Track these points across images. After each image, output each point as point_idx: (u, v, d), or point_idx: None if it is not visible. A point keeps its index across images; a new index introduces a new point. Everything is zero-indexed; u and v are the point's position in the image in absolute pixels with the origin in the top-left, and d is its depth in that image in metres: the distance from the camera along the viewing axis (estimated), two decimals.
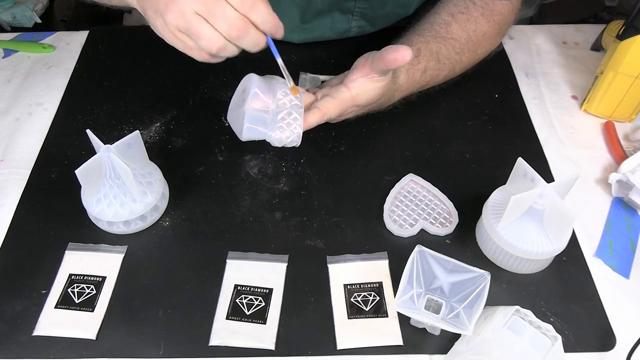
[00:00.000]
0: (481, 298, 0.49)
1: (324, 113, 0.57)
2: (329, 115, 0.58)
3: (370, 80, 0.58)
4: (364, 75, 0.58)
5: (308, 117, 0.56)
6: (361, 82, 0.58)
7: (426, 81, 0.67)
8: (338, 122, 0.63)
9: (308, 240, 0.60)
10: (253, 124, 0.55)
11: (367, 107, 0.62)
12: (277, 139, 0.56)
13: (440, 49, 0.66)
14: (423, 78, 0.66)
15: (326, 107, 0.58)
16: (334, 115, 0.58)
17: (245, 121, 0.55)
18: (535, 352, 0.47)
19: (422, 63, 0.65)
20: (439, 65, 0.66)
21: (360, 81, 0.58)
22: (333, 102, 0.58)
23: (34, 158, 0.69)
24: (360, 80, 0.58)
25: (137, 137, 0.57)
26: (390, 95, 0.64)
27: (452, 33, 0.67)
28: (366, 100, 0.60)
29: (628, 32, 0.65)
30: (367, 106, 0.62)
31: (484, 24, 0.68)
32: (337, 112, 0.58)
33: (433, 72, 0.66)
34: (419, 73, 0.65)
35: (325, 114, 0.58)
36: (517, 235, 0.54)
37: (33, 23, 1.06)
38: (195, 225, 0.62)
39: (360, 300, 0.55)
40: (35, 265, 0.58)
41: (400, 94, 0.66)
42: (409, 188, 0.64)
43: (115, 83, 0.78)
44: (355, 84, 0.59)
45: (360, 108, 0.61)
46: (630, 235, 0.61)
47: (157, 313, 0.55)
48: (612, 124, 0.71)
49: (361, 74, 0.58)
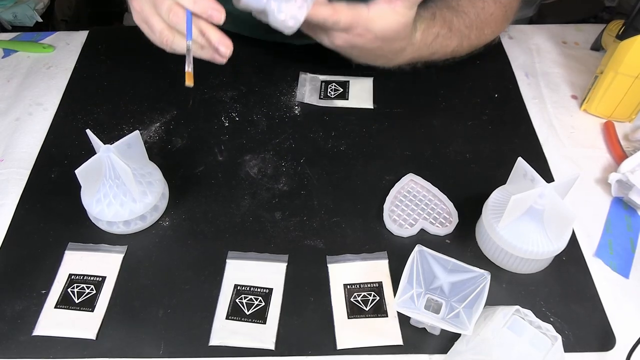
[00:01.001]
0: (481, 298, 0.49)
1: (336, 10, 0.55)
2: (339, 16, 0.55)
3: (391, 8, 0.57)
4: (389, 1, 0.57)
5: (317, 6, 0.54)
6: (383, 7, 0.57)
7: (436, 48, 0.67)
8: (344, 48, 0.61)
9: (308, 240, 0.60)
10: None
11: (378, 40, 0.59)
12: (276, 9, 0.51)
13: (452, 19, 0.66)
14: (434, 43, 0.66)
15: (339, 7, 0.56)
16: (343, 20, 0.56)
17: None
18: (535, 352, 0.47)
19: (436, 27, 0.65)
20: (450, 34, 0.66)
21: (382, 6, 0.57)
22: (347, 7, 0.56)
23: (34, 158, 0.69)
24: (382, 5, 0.57)
25: (137, 137, 0.57)
26: (403, 45, 0.62)
27: (462, 7, 0.67)
28: (380, 28, 0.57)
29: (628, 32, 0.65)
30: (378, 39, 0.59)
31: (491, 4, 0.69)
32: (348, 19, 0.56)
33: (444, 40, 0.66)
34: (432, 36, 0.65)
35: (336, 11, 0.55)
36: (517, 235, 0.54)
37: (34, 22, 1.07)
38: (195, 225, 0.62)
39: (360, 300, 0.55)
40: (35, 265, 0.58)
41: (411, 52, 0.65)
42: (408, 188, 0.64)
43: (115, 83, 0.78)
44: (376, 7, 0.57)
45: (371, 37, 0.58)
46: (630, 235, 0.61)
47: (157, 313, 0.55)
48: (612, 124, 0.71)
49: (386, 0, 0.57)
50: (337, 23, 0.56)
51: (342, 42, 0.59)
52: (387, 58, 0.64)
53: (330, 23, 0.56)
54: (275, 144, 0.70)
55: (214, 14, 0.51)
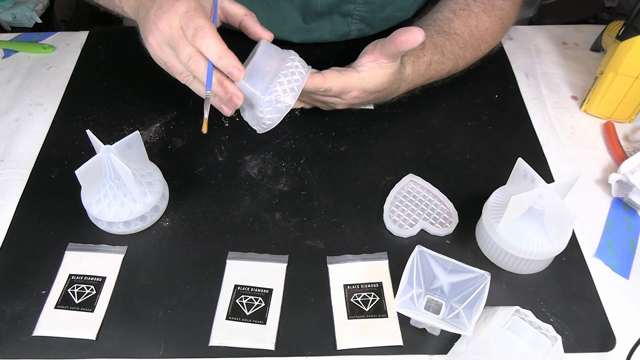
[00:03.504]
0: (481, 298, 0.49)
1: (326, 79, 0.57)
2: (330, 83, 0.58)
3: (379, 65, 0.59)
4: (373, 60, 0.59)
5: (309, 78, 0.56)
6: (370, 67, 0.59)
7: (430, 75, 0.67)
8: (345, 108, 0.64)
9: (308, 241, 0.60)
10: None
11: (373, 94, 0.62)
12: (264, 110, 0.54)
13: (444, 43, 0.66)
14: (428, 71, 0.66)
15: (329, 74, 0.58)
16: (336, 86, 0.58)
17: None
18: (535, 352, 0.47)
19: (427, 56, 0.65)
20: (443, 59, 0.67)
21: (369, 65, 0.59)
22: (338, 74, 0.58)
23: (34, 158, 0.69)
24: (369, 65, 0.59)
25: (137, 137, 0.57)
26: (397, 86, 0.64)
27: (454, 28, 0.68)
28: (373, 85, 0.60)
29: (628, 33, 0.65)
30: (373, 93, 0.62)
31: (485, 19, 0.69)
32: (340, 85, 0.58)
33: (437, 65, 0.67)
34: (424, 66, 0.66)
35: (327, 80, 0.57)
36: (517, 236, 0.54)
37: (33, 23, 1.06)
38: (195, 225, 0.62)
39: (360, 301, 0.55)
40: (35, 265, 0.58)
41: (405, 86, 0.66)
42: (408, 188, 0.64)
43: (115, 83, 0.78)
44: (364, 67, 0.59)
45: (367, 94, 0.62)
46: (630, 236, 0.61)
47: (157, 313, 0.55)
48: (612, 125, 0.71)
49: (370, 58, 0.59)
50: (329, 90, 0.59)
51: (343, 106, 0.64)
52: (384, 99, 0.67)
53: (323, 90, 0.58)
54: (276, 144, 0.70)
55: (234, 72, 0.52)
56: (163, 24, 0.53)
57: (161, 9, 0.53)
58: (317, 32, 0.78)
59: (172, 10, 0.52)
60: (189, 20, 0.52)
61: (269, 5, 0.73)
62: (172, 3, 0.53)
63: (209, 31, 0.51)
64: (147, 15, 0.54)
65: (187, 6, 0.52)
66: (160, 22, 0.53)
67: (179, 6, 0.52)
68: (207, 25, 0.51)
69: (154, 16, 0.53)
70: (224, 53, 0.51)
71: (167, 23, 0.52)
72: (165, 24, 0.52)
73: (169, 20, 0.52)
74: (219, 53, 0.51)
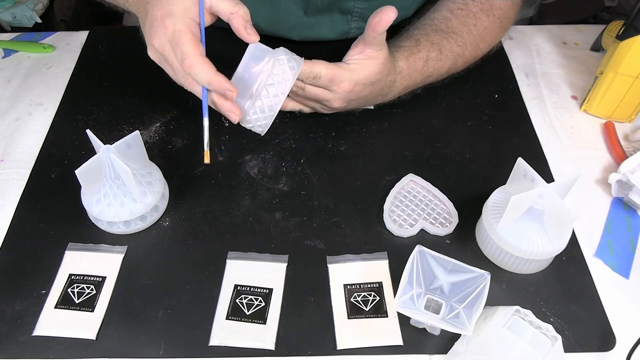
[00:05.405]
0: (481, 298, 0.49)
1: (314, 64, 0.58)
2: (319, 69, 0.58)
3: (366, 56, 0.60)
4: (360, 52, 0.60)
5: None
6: (358, 59, 0.60)
7: (429, 72, 0.67)
8: (344, 108, 0.64)
9: (308, 240, 0.60)
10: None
11: (368, 87, 0.62)
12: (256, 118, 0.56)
13: (442, 41, 0.67)
14: (426, 68, 0.67)
15: (318, 62, 0.58)
16: (325, 74, 0.58)
17: None
18: (535, 352, 0.47)
19: (423, 52, 0.66)
20: (441, 56, 0.67)
21: (357, 57, 0.60)
22: (327, 63, 0.59)
23: (34, 158, 0.69)
24: (357, 57, 0.60)
25: (137, 137, 0.57)
26: (391, 78, 0.64)
27: (452, 27, 0.68)
28: (364, 76, 0.61)
29: (628, 33, 0.65)
30: (367, 85, 0.62)
31: (484, 19, 0.69)
32: (330, 73, 0.59)
33: (435, 63, 0.67)
34: (420, 62, 0.66)
35: (314, 65, 0.58)
36: (517, 235, 0.54)
37: (33, 23, 1.06)
38: (195, 225, 0.62)
39: (360, 300, 0.55)
40: (35, 265, 0.58)
41: (402, 81, 0.66)
42: (409, 188, 0.64)
43: (115, 83, 0.78)
44: (352, 60, 0.60)
45: (361, 87, 0.62)
46: (630, 236, 0.61)
47: (157, 313, 0.55)
48: (612, 124, 0.71)
49: (357, 51, 0.60)
50: (319, 77, 0.59)
51: (339, 104, 0.63)
52: (383, 94, 0.66)
53: (312, 78, 0.59)
54: (276, 144, 0.70)
55: (227, 93, 0.53)
56: (157, 44, 0.54)
57: (152, 27, 0.54)
58: (317, 30, 0.78)
59: (161, 31, 0.53)
60: (175, 46, 0.53)
61: (270, 1, 0.73)
62: (161, 22, 0.53)
63: (195, 60, 0.52)
64: (144, 29, 0.56)
65: (174, 27, 0.53)
66: (154, 40, 0.54)
67: (167, 25, 0.53)
68: (192, 53, 0.52)
69: (149, 35, 0.55)
70: (213, 78, 0.52)
71: (160, 43, 0.54)
72: (159, 44, 0.54)
73: (161, 41, 0.54)
74: (208, 80, 0.52)
